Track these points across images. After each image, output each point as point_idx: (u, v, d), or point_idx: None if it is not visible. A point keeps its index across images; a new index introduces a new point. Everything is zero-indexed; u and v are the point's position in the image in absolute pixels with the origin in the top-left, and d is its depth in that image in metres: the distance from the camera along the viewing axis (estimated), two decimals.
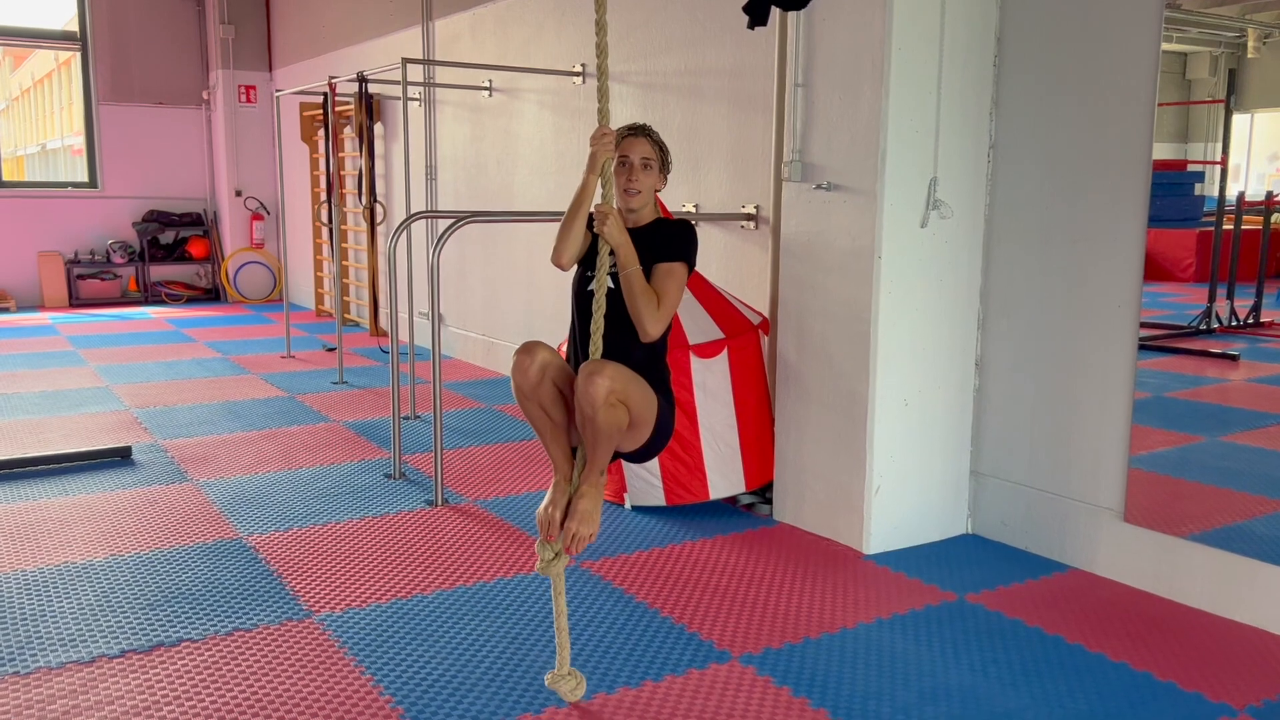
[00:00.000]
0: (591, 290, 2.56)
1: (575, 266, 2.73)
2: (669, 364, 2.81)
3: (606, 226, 2.51)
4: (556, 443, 2.62)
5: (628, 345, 2.63)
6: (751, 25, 3.87)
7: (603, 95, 2.52)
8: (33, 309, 10.55)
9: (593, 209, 2.56)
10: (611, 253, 2.55)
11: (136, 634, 2.96)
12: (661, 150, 2.78)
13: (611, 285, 2.60)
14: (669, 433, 2.73)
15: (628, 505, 4.13)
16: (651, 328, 2.60)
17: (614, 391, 2.40)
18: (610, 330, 2.56)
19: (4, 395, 6.19)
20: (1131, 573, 3.39)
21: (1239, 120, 3.24)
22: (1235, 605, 3.13)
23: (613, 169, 2.61)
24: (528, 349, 2.55)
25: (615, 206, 2.59)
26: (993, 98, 3.68)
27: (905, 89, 3.48)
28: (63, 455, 4.67)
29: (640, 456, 2.74)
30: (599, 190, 2.59)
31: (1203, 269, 3.36)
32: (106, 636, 2.94)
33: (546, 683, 2.56)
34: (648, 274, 2.63)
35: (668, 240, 2.71)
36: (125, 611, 3.12)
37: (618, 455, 2.66)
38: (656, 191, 2.82)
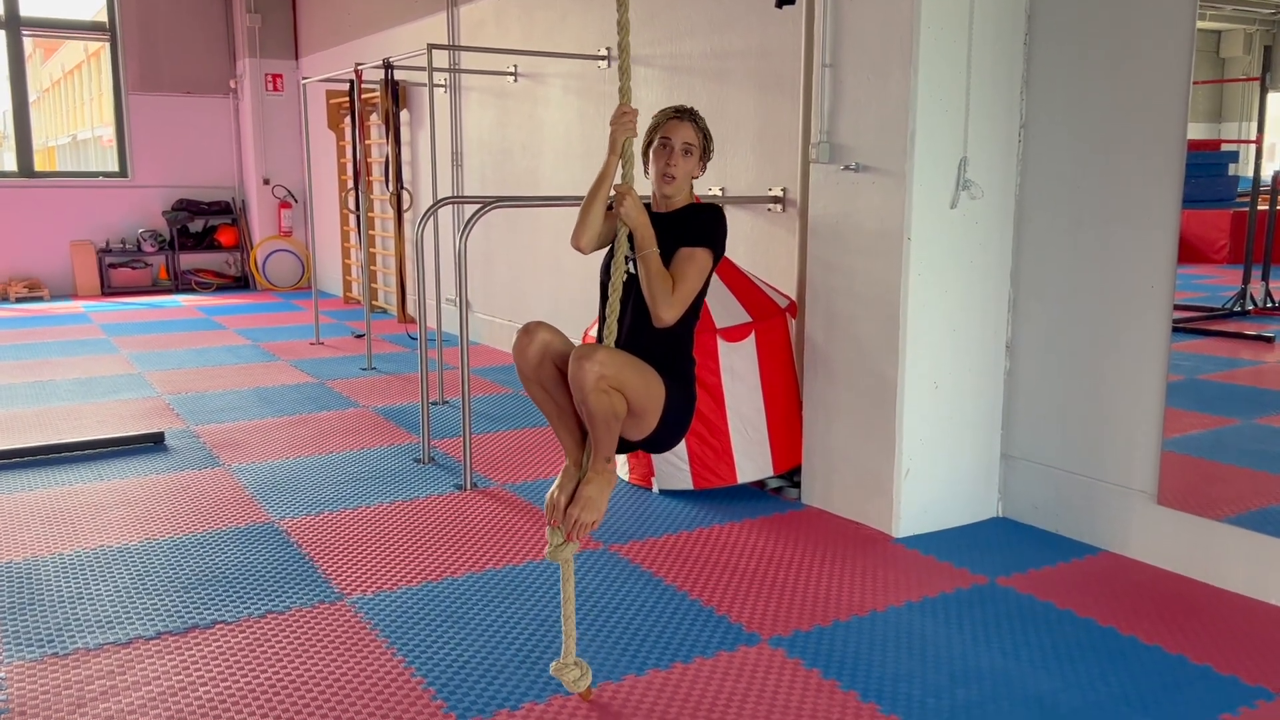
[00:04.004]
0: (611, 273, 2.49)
1: (603, 250, 2.64)
2: (695, 354, 2.72)
3: (624, 206, 2.43)
4: (564, 426, 2.53)
5: (647, 332, 2.54)
6: (780, 4, 3.85)
7: (624, 73, 2.38)
8: (66, 297, 10.67)
9: (613, 189, 2.48)
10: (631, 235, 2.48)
11: (171, 616, 3.00)
12: (705, 137, 2.67)
13: (631, 270, 2.51)
14: (683, 426, 2.61)
15: (655, 489, 4.13)
16: (664, 312, 2.49)
17: (604, 377, 2.32)
18: (632, 316, 2.51)
19: (39, 383, 6.27)
20: (1165, 556, 3.36)
21: (1274, 99, 3.19)
22: (1271, 588, 3.10)
23: (635, 149, 2.50)
24: (528, 330, 2.46)
25: (645, 187, 2.52)
26: (1023, 76, 3.64)
27: (935, 68, 3.45)
28: (97, 441, 4.73)
29: (652, 446, 2.63)
30: (619, 171, 2.49)
31: (1237, 250, 3.31)
32: (142, 618, 2.98)
33: (551, 671, 2.51)
34: (672, 259, 2.54)
35: (696, 226, 2.61)
36: (160, 594, 3.15)
37: (629, 446, 2.57)
38: (693, 179, 2.71)
